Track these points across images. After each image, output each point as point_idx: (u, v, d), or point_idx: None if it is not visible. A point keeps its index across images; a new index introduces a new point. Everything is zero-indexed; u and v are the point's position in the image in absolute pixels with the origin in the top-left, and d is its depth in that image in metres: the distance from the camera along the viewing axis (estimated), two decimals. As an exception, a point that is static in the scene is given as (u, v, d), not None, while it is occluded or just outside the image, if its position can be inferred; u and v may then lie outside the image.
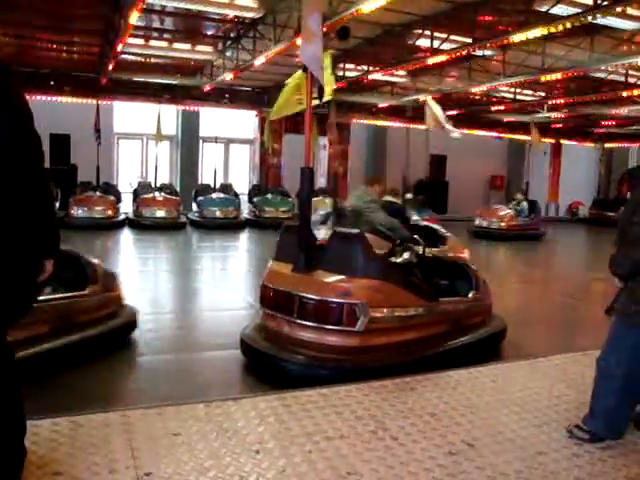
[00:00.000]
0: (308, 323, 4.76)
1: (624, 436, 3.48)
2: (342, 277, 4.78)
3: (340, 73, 14.52)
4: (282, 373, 4.71)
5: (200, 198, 17.26)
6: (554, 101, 17.23)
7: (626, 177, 19.65)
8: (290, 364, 4.69)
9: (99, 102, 16.59)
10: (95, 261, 5.72)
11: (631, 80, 14.42)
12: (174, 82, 17.50)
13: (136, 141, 20.45)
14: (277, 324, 5.04)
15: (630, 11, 8.84)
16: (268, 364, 4.86)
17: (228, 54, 13.96)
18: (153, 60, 15.22)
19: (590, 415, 3.48)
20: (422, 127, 9.43)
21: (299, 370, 4.65)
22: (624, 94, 14.49)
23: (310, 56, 4.86)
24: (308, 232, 5.06)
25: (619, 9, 8.07)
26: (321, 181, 20.17)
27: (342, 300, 4.61)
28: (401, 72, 14.16)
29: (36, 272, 2.63)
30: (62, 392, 4.35)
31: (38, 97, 15.64)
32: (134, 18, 9.37)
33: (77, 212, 14.96)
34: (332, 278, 4.82)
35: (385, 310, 4.78)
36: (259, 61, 12.17)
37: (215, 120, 19.29)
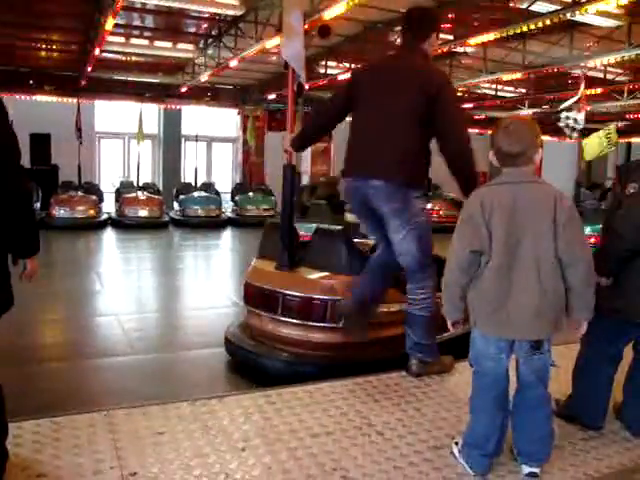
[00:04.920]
0: (292, 320, 4.75)
1: (605, 426, 3.52)
2: (326, 274, 4.78)
3: (322, 70, 14.53)
4: (266, 371, 4.71)
5: (181, 197, 17.20)
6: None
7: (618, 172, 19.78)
8: (274, 361, 4.70)
9: (80, 101, 16.44)
10: None
11: (609, 77, 14.59)
12: (155, 81, 17.39)
13: (118, 140, 20.29)
14: (261, 322, 5.04)
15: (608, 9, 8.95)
16: (252, 362, 4.86)
17: (209, 52, 13.90)
18: (134, 58, 15.11)
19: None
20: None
21: (283, 367, 4.66)
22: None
23: (291, 53, 4.85)
24: (291, 229, 5.06)
25: (597, 7, 8.16)
26: (305, 178, 20.17)
27: (326, 297, 4.61)
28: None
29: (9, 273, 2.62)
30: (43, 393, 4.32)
31: (18, 96, 15.48)
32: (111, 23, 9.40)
33: (58, 212, 14.79)
34: (316, 275, 4.82)
35: (369, 306, 4.78)
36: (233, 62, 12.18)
37: (197, 118, 19.20)
